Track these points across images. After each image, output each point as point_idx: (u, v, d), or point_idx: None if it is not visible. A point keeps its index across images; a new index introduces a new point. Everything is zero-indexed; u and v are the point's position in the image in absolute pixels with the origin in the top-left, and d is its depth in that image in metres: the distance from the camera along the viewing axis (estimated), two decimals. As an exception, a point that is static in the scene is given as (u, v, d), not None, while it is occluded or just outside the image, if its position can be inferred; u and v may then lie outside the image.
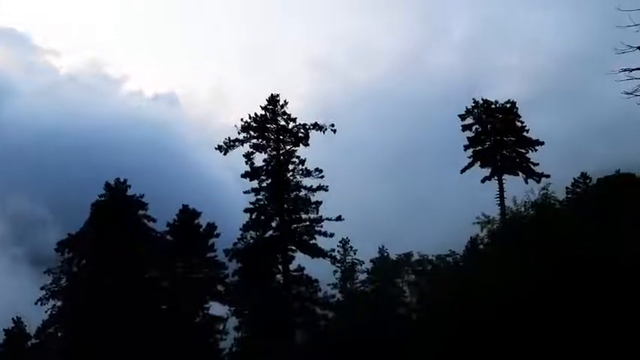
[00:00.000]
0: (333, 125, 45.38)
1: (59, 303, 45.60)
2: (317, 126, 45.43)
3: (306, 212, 45.10)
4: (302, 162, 45.25)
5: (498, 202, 50.28)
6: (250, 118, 45.65)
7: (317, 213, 44.92)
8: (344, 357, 40.49)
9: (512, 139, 52.43)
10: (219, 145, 45.74)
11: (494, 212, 37.76)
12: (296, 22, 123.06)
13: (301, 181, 45.14)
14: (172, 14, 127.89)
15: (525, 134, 52.33)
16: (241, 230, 45.04)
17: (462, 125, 53.73)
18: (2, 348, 48.42)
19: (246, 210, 45.21)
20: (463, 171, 53.56)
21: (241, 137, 45.46)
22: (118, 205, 45.96)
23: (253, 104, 46.77)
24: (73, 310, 44.19)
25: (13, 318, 51.02)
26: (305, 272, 45.46)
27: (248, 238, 45.01)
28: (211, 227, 48.89)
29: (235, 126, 45.62)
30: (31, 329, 48.23)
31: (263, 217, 45.12)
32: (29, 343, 48.18)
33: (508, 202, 34.61)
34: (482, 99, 53.84)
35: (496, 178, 51.85)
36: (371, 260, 57.91)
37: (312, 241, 44.94)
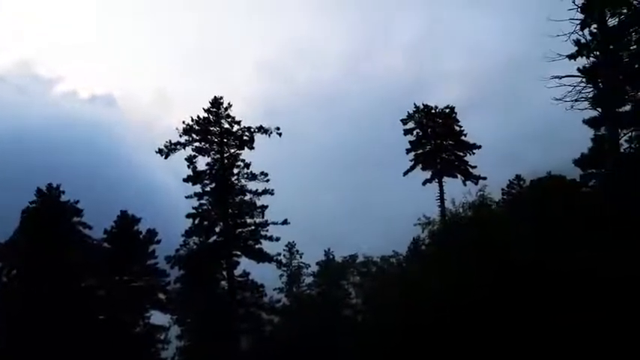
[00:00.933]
0: (279, 128, 45.13)
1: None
2: (262, 129, 45.03)
3: (251, 216, 44.62)
4: (247, 165, 44.75)
5: (439, 204, 51.74)
6: (193, 121, 44.69)
7: (262, 217, 44.55)
8: (290, 362, 40.29)
9: (451, 143, 54.01)
10: (159, 149, 44.48)
11: (435, 213, 38.90)
12: (241, 23, 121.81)
13: (246, 185, 44.67)
14: (109, 12, 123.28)
15: (464, 138, 54.05)
16: (184, 236, 44.00)
17: (404, 129, 54.88)
18: None
19: (188, 215, 44.17)
20: (405, 174, 54.70)
21: (183, 140, 44.42)
22: (51, 212, 43.70)
23: (197, 106, 45.70)
24: (4, 322, 41.57)
25: None
26: (250, 277, 44.96)
27: (191, 244, 44.01)
28: (152, 233, 47.50)
29: (177, 129, 44.55)
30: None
31: (206, 222, 44.22)
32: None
33: (448, 204, 35.80)
34: (422, 104, 55.24)
35: (436, 181, 53.28)
36: (317, 263, 58.12)
37: (257, 246, 44.47)
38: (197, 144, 44.62)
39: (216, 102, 45.18)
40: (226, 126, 45.04)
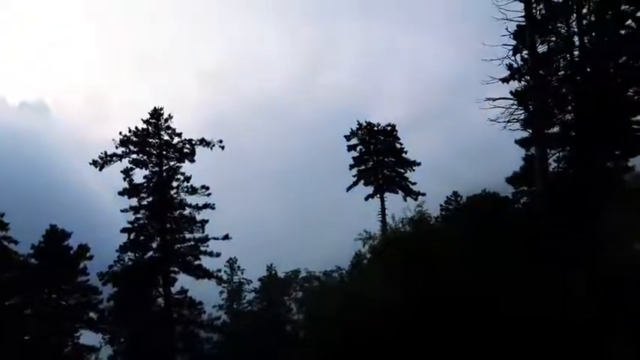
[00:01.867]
0: (222, 141, 44.39)
1: None
2: (204, 142, 44.14)
3: (190, 231, 43.51)
4: (187, 179, 43.69)
5: (380, 219, 52.58)
6: (130, 132, 43.22)
7: (202, 232, 43.54)
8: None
9: (392, 160, 55.32)
10: (94, 160, 42.72)
11: (377, 228, 39.35)
12: (184, 31, 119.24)
13: (186, 199, 43.56)
14: (42, 14, 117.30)
15: (404, 155, 55.49)
16: (118, 252, 42.26)
17: (348, 145, 55.78)
18: None
19: (123, 230, 42.49)
20: (349, 189, 55.42)
21: (119, 152, 42.90)
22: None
23: (136, 116, 44.31)
24: None
25: None
26: (189, 294, 43.73)
27: (125, 260, 42.37)
28: (83, 249, 45.36)
29: (113, 140, 42.94)
30: None
31: (143, 237, 42.69)
32: None
33: (389, 219, 36.39)
34: (365, 121, 56.41)
35: (378, 196, 54.30)
36: (259, 279, 57.35)
37: (196, 262, 43.36)
38: (134, 156, 43.22)
39: (155, 113, 43.96)
40: (166, 138, 43.89)
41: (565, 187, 27.65)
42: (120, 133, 42.97)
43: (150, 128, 43.74)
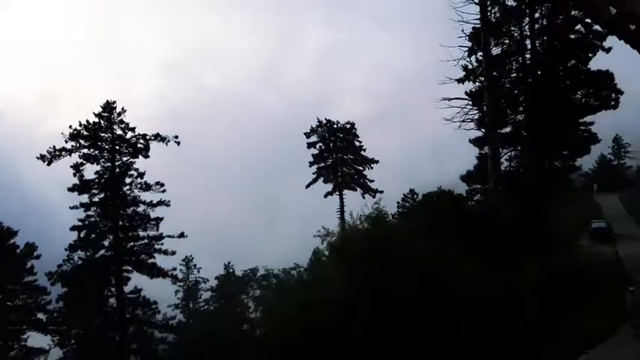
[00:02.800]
0: (177, 137, 43.22)
1: None
2: (159, 137, 42.89)
3: (144, 229, 42.20)
4: (141, 175, 42.37)
5: (339, 216, 52.87)
6: (81, 126, 41.54)
7: (157, 230, 42.32)
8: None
9: (351, 157, 55.79)
10: (41, 155, 40.81)
11: (336, 225, 39.50)
12: (143, 20, 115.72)
13: (139, 196, 42.20)
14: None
15: (363, 153, 56.03)
16: (67, 250, 40.59)
17: (307, 143, 55.89)
18: None
19: (73, 227, 40.86)
20: (308, 186, 55.55)
21: (69, 146, 41.12)
22: None
23: (89, 109, 42.52)
24: None
25: None
26: (142, 294, 42.48)
27: (75, 259, 40.76)
28: (30, 248, 43.45)
29: (62, 134, 41.19)
30: None
31: (94, 235, 41.17)
32: None
33: (347, 216, 36.46)
34: (325, 119, 56.66)
35: (337, 193, 54.61)
36: (216, 277, 56.59)
37: (150, 261, 42.13)
38: (85, 150, 41.55)
39: (108, 106, 42.42)
40: (119, 132, 42.40)
41: (516, 185, 28.52)
42: (70, 127, 41.32)
43: (102, 122, 42.16)
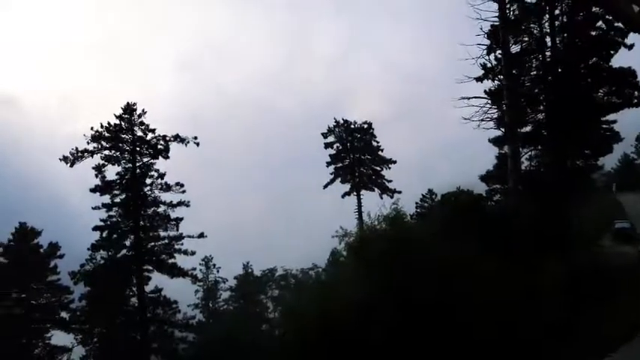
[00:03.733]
0: (196, 138, 43.76)
1: None
2: (178, 138, 43.49)
3: (164, 229, 42.83)
4: (161, 176, 43.00)
5: (357, 216, 52.89)
6: (102, 128, 42.33)
7: (177, 230, 42.93)
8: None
9: (368, 158, 55.76)
10: (64, 156, 41.69)
11: (353, 226, 39.55)
12: (158, 20, 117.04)
13: (160, 196, 42.85)
14: (10, 4, 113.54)
15: (380, 153, 55.93)
16: (90, 250, 41.35)
17: (325, 143, 56.04)
18: None
19: (95, 228, 41.62)
20: (325, 186, 55.69)
21: (91, 148, 41.92)
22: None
23: (110, 111, 43.22)
24: None
25: None
26: (163, 293, 43.07)
27: (98, 259, 41.50)
28: (54, 247, 44.52)
29: (84, 135, 42.02)
30: None
31: (115, 236, 41.87)
32: None
33: (365, 216, 36.49)
34: (342, 119, 56.76)
35: (355, 194, 54.60)
36: (235, 277, 57.03)
37: (171, 260, 42.71)
38: (107, 152, 42.34)
39: (128, 108, 43.13)
40: (139, 134, 43.09)
41: (536, 185, 28.18)
42: (91, 129, 42.11)
43: (123, 124, 42.89)
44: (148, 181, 42.82)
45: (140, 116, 43.26)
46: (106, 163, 42.19)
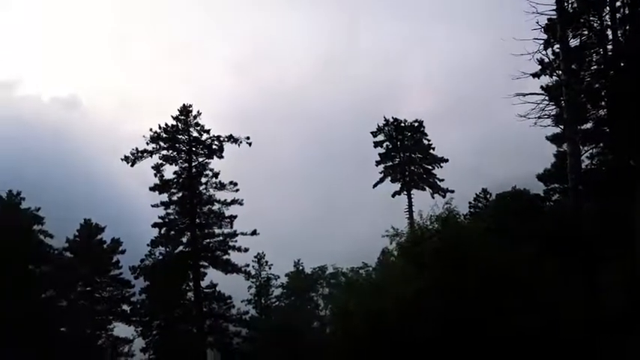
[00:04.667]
0: (249, 138, 44.89)
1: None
2: (232, 138, 44.70)
3: (219, 227, 44.10)
4: (215, 175, 44.30)
5: (408, 216, 52.38)
6: (160, 129, 44.05)
7: (231, 227, 44.10)
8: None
9: (419, 156, 55.00)
10: (125, 156, 43.66)
11: (404, 225, 39.24)
12: (210, 23, 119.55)
13: (214, 195, 44.16)
14: (73, 10, 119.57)
15: (432, 151, 55.10)
16: (149, 246, 43.16)
17: (374, 142, 55.72)
18: None
19: (154, 225, 43.38)
20: (375, 185, 55.37)
21: (150, 148, 43.72)
22: (10, 220, 42.20)
23: (166, 110, 44.96)
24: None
25: None
26: (218, 289, 44.36)
27: (157, 254, 43.28)
28: (116, 243, 46.61)
29: (144, 136, 43.86)
30: None
31: (173, 232, 43.50)
32: None
33: (416, 216, 36.15)
34: (392, 117, 56.24)
35: (405, 193, 54.04)
36: (286, 274, 57.78)
37: (225, 257, 43.95)
38: (164, 152, 44.02)
39: (184, 109, 44.66)
40: (195, 134, 44.58)
41: (598, 184, 27.18)
42: (150, 130, 43.88)
43: (179, 125, 44.47)
44: (204, 180, 44.23)
45: (195, 117, 44.75)
46: (164, 163, 43.88)
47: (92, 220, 47.04)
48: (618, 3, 29.04)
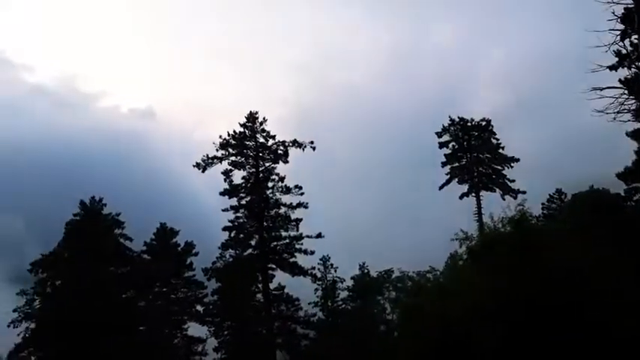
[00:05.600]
0: (313, 142, 45.65)
1: (33, 325, 44.13)
2: (296, 143, 45.55)
3: (285, 230, 44.93)
4: (281, 179, 45.25)
5: (476, 219, 50.82)
6: (229, 136, 45.57)
7: (297, 230, 44.83)
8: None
9: (488, 156, 53.26)
10: (197, 163, 45.51)
11: (472, 228, 38.13)
12: (270, 27, 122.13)
13: (281, 199, 45.07)
14: (149, 30, 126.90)
15: (501, 151, 53.21)
16: (220, 249, 44.58)
17: (439, 142, 54.51)
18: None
19: (224, 228, 44.82)
20: (441, 187, 54.13)
21: (219, 155, 45.35)
22: (93, 224, 45.00)
23: (234, 116, 46.59)
24: (47, 333, 42.81)
25: (-17, 342, 49.23)
26: (285, 291, 45.06)
27: (227, 257, 44.56)
28: (189, 246, 48.27)
29: (214, 143, 45.53)
30: (5, 353, 46.55)
31: (242, 235, 44.75)
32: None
33: (486, 219, 35.02)
34: (458, 117, 54.80)
35: (473, 195, 52.49)
36: (352, 277, 57.66)
37: (292, 259, 44.67)
38: (233, 158, 45.47)
39: (251, 117, 45.99)
40: (261, 140, 45.77)
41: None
42: (220, 137, 45.51)
43: (246, 131, 45.82)
44: (270, 185, 45.25)
45: (262, 124, 45.99)
46: (233, 169, 45.38)
47: (167, 224, 49.03)
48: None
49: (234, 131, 45.73)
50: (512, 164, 52.53)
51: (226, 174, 45.19)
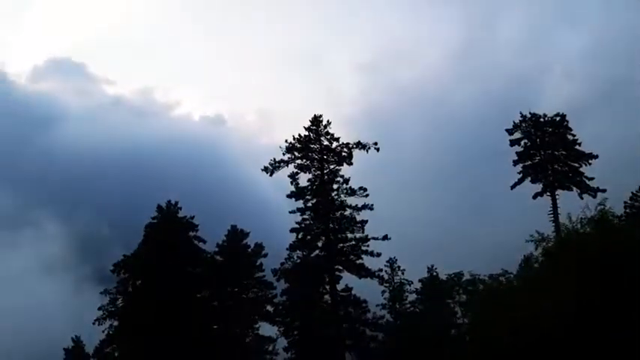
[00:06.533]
0: (377, 143, 45.50)
1: (116, 323, 47.10)
2: (360, 144, 45.65)
3: (351, 231, 44.99)
4: (346, 181, 45.42)
5: (552, 219, 48.48)
6: (294, 139, 46.41)
7: (363, 232, 44.74)
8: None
9: (563, 153, 50.67)
10: (265, 167, 46.66)
11: (547, 229, 36.39)
12: (337, 28, 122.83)
13: (346, 200, 45.22)
14: (214, 37, 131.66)
15: (578, 147, 50.45)
16: (288, 250, 45.42)
17: (510, 140, 52.51)
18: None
19: (292, 230, 45.61)
20: (513, 187, 52.09)
21: (286, 158, 46.25)
22: (170, 227, 47.43)
23: (300, 119, 47.58)
24: (128, 330, 45.49)
25: (72, 337, 53.31)
26: (353, 292, 45.11)
27: (295, 258, 45.30)
28: (259, 247, 49.72)
29: (280, 147, 46.59)
30: (91, 349, 50.14)
31: (309, 237, 45.32)
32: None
33: (562, 219, 33.32)
34: (529, 112, 52.54)
35: (548, 194, 50.07)
36: (420, 280, 56.74)
37: (358, 261, 44.66)
38: (299, 161, 46.21)
39: (315, 120, 46.60)
40: (326, 143, 46.24)
41: None
42: (286, 141, 46.48)
43: (311, 135, 46.46)
44: (335, 187, 45.56)
45: (326, 127, 46.45)
46: (299, 172, 46.11)
47: (238, 226, 50.78)
48: None
49: (299, 135, 46.55)
50: (590, 161, 49.69)
51: (292, 177, 46.02)
